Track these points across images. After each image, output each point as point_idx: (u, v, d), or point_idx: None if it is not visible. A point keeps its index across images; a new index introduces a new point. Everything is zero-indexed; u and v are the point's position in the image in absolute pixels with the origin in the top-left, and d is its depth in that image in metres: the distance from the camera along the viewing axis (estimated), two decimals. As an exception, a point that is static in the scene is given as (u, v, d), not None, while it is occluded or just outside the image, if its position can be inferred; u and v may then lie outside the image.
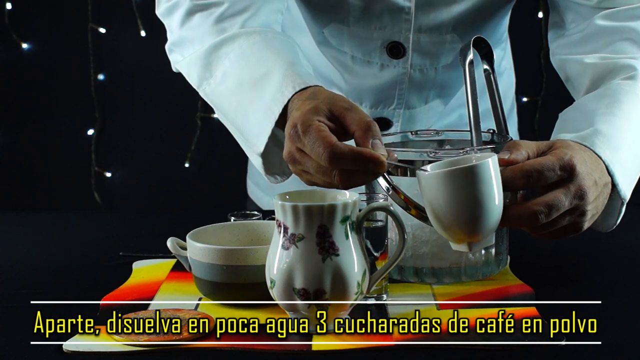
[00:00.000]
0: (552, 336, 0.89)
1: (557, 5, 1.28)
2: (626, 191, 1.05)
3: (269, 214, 1.15)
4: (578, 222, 1.00)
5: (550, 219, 0.96)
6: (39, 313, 1.00)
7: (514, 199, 1.00)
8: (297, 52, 1.15)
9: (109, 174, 2.79)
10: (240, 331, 0.92)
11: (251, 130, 1.10)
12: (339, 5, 1.28)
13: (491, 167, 0.93)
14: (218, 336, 0.91)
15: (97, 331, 0.92)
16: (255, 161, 1.12)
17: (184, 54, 1.20)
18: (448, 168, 0.93)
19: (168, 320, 0.93)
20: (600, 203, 1.02)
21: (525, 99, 2.70)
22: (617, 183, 1.04)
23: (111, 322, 0.93)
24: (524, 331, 0.90)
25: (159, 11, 1.24)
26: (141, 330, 0.91)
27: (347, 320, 0.93)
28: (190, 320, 0.93)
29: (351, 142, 0.95)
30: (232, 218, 1.17)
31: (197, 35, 1.18)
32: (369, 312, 0.97)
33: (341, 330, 0.92)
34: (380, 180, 1.01)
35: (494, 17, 1.34)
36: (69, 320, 0.95)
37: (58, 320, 0.96)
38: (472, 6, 1.27)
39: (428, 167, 0.97)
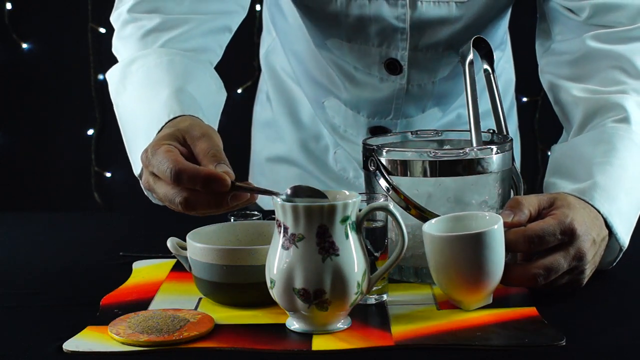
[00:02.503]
0: (552, 336, 0.89)
1: (546, 16, 1.27)
2: (625, 239, 1.07)
3: (269, 214, 1.15)
4: (577, 279, 1.01)
5: (549, 280, 0.98)
6: (39, 313, 1.00)
7: (513, 257, 1.01)
8: (198, 78, 1.15)
9: (109, 174, 2.79)
10: (240, 331, 0.92)
11: (132, 152, 1.12)
12: (335, 24, 1.28)
13: (496, 233, 0.94)
14: (218, 336, 0.91)
15: (97, 331, 0.92)
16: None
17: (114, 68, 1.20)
18: (455, 233, 0.95)
19: (168, 320, 0.93)
20: (598, 257, 1.04)
21: (525, 99, 2.71)
22: (616, 232, 1.05)
23: (111, 322, 0.93)
24: (524, 331, 0.90)
25: (112, 17, 1.24)
26: (141, 330, 0.91)
27: (347, 320, 0.93)
28: (191, 320, 0.93)
29: None
30: (232, 218, 1.17)
31: (123, 47, 1.20)
32: (369, 312, 0.97)
33: (341, 330, 0.92)
34: (380, 180, 1.01)
35: (491, 27, 1.33)
36: (69, 321, 0.95)
37: (58, 320, 0.97)
38: (468, 23, 1.27)
39: (433, 220, 0.98)
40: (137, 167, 1.10)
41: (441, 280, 0.97)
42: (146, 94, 1.12)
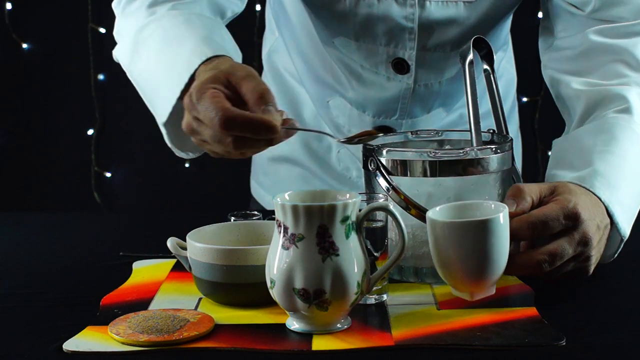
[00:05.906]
0: (552, 336, 0.89)
1: (549, 13, 1.27)
2: (626, 229, 1.07)
3: (269, 214, 1.15)
4: (584, 266, 1.01)
5: (554, 267, 0.97)
6: (39, 313, 1.00)
7: (516, 246, 1.00)
8: (219, 31, 1.14)
9: (109, 174, 2.79)
10: (240, 331, 0.92)
11: (158, 102, 1.10)
12: (343, 23, 1.28)
13: (502, 220, 0.93)
14: (218, 336, 0.91)
15: (97, 331, 0.92)
16: (164, 133, 1.12)
17: (122, 41, 1.20)
18: (460, 220, 0.93)
19: (168, 320, 0.93)
20: (602, 244, 1.03)
21: (525, 99, 2.71)
22: (617, 222, 1.05)
23: (111, 322, 0.93)
24: (524, 331, 0.90)
25: (113, 4, 1.24)
26: (141, 330, 0.91)
27: (347, 320, 0.93)
28: (191, 320, 0.93)
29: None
30: (232, 218, 1.17)
31: (131, 21, 1.19)
32: (369, 312, 0.97)
33: (341, 330, 0.92)
34: (380, 180, 1.01)
35: (497, 27, 1.33)
36: (69, 321, 0.95)
37: (58, 320, 0.97)
38: (475, 23, 1.27)
39: (437, 208, 0.97)
40: (162, 116, 1.09)
41: (445, 270, 0.95)
42: (168, 47, 1.10)
